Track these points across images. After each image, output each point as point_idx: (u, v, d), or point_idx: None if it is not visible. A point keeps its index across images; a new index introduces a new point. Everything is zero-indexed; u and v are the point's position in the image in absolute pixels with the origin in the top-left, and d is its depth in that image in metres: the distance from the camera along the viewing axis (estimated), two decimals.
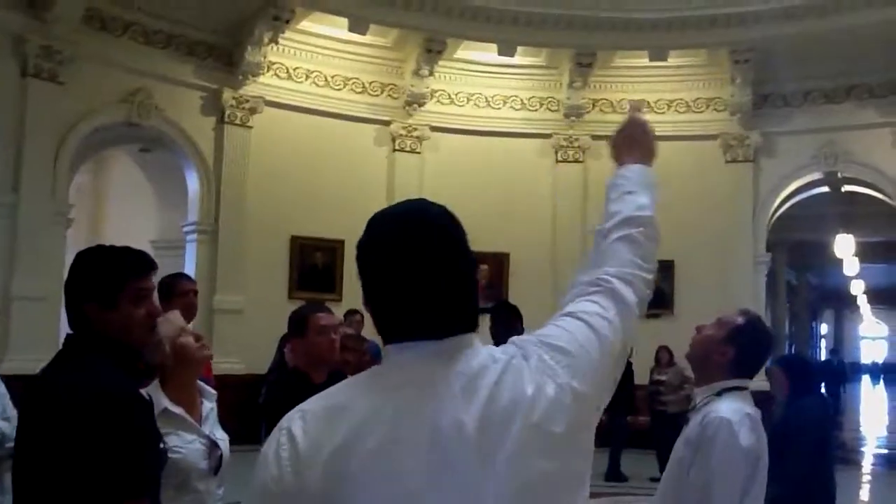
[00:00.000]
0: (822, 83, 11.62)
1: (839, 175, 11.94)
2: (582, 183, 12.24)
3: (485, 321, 4.80)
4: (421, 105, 12.07)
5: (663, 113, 12.21)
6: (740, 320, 2.86)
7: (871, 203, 12.84)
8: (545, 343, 1.38)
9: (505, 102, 12.50)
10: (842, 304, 34.04)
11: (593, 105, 12.38)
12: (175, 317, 3.18)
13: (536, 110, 12.50)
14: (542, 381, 1.32)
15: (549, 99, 12.46)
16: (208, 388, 3.19)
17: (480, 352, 1.35)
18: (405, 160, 12.09)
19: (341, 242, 11.51)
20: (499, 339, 5.04)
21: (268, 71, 11.28)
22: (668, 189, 11.58)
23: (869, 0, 10.42)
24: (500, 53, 11.95)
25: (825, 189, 12.77)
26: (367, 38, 11.69)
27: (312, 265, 11.50)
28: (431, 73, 11.90)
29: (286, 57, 11.54)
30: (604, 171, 9.26)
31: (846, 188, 12.59)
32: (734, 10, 11.09)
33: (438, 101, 12.33)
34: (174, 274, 5.09)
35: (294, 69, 11.64)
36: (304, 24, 11.33)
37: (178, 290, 4.59)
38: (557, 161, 12.41)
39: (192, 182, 11.08)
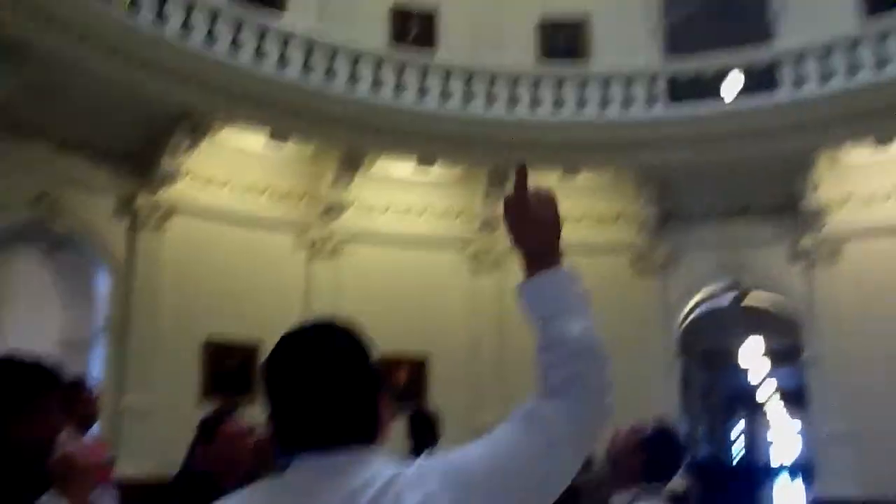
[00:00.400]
0: (721, 201, 12.30)
1: (741, 286, 12.54)
2: (497, 292, 12.50)
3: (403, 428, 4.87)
4: (339, 214, 12.25)
5: (574, 227, 12.68)
6: (651, 429, 3.00)
7: (770, 313, 13.43)
8: (448, 464, 1.40)
9: (422, 213, 12.79)
10: (752, 406, 34.89)
11: None
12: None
13: (453, 221, 12.82)
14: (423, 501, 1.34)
15: (466, 210, 12.81)
16: (108, 494, 3.14)
17: (371, 467, 1.39)
18: (322, 267, 12.18)
19: (256, 346, 11.41)
20: (414, 447, 5.05)
21: (185, 177, 11.34)
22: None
23: (756, 133, 11.23)
24: (418, 165, 12.30)
25: (729, 299, 13.34)
26: (285, 149, 11.92)
27: (226, 368, 11.32)
28: (350, 184, 12.14)
29: (204, 164, 11.62)
30: (518, 281, 9.42)
31: (748, 299, 13.17)
32: (637, 136, 11.76)
33: (357, 209, 12.54)
34: (73, 381, 5.01)
35: (211, 176, 11.72)
36: (223, 134, 11.50)
37: (76, 398, 4.55)
38: (473, 271, 12.67)
39: (103, 282, 10.96)
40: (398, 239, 12.57)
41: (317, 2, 13.11)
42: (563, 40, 13.61)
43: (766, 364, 15.73)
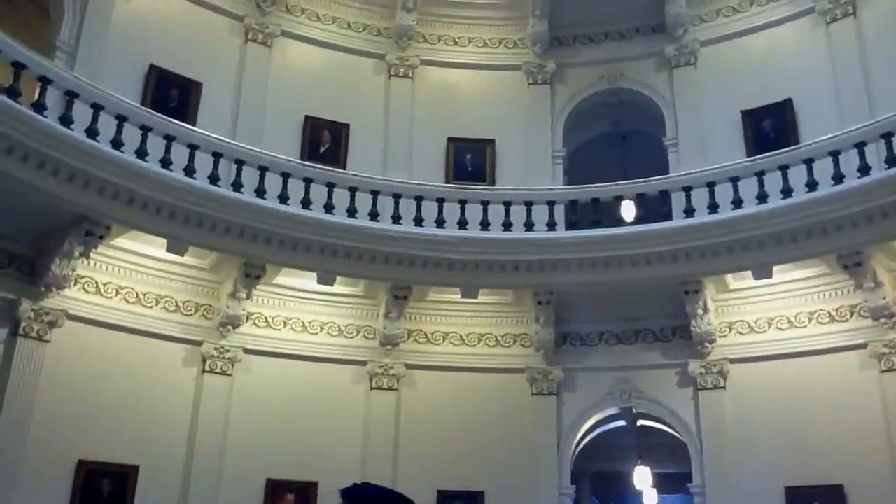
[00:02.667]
0: (614, 325, 12.63)
1: (633, 410, 12.74)
2: (395, 410, 12.32)
3: None
4: (235, 327, 11.94)
5: (474, 346, 12.80)
6: None
7: (663, 436, 13.64)
8: None
9: (322, 328, 12.60)
10: None
11: (408, 335, 12.72)
12: None
13: (353, 337, 12.66)
14: None
15: (366, 327, 12.69)
16: None
17: None
18: (214, 382, 11.73)
19: (135, 468, 10.80)
20: None
21: (75, 284, 10.88)
22: (479, 419, 11.99)
23: (648, 258, 11.72)
24: (319, 282, 12.19)
25: (623, 423, 13.50)
26: (184, 259, 11.64)
27: (99, 493, 10.54)
28: (249, 297, 11.90)
29: (96, 271, 11.22)
30: (418, 399, 9.38)
31: (640, 422, 13.37)
32: (536, 257, 12.07)
33: (254, 323, 12.26)
34: None
35: (104, 284, 11.30)
36: (119, 241, 11.17)
37: None
38: (372, 388, 12.46)
39: None
40: (296, 354, 12.30)
41: (229, 112, 13.25)
42: (470, 162, 14.10)
43: (654, 494, 15.79)
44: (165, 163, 11.08)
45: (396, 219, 12.34)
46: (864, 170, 10.87)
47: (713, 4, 14.22)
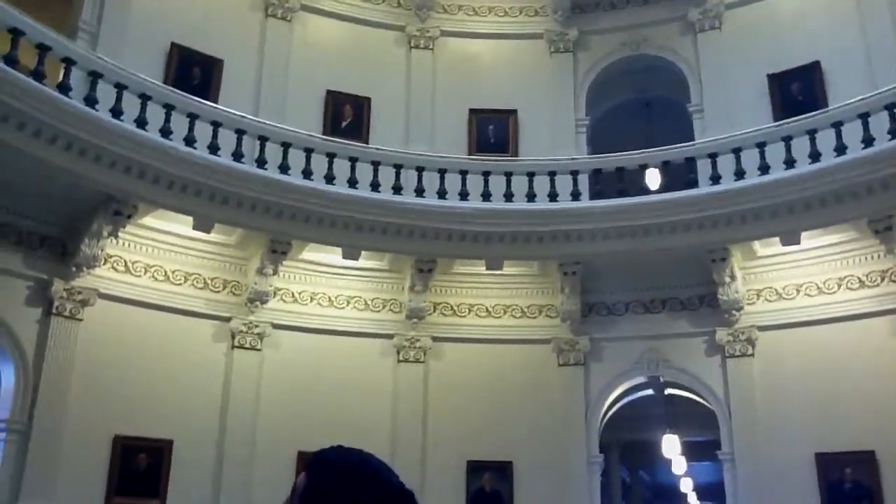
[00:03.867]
0: (641, 295, 12.57)
1: (661, 379, 12.70)
2: (423, 383, 12.41)
3: None
4: (263, 303, 12.04)
5: (500, 318, 12.82)
6: None
7: (691, 405, 13.62)
8: None
9: (348, 303, 12.68)
10: (675, 501, 34.90)
11: (434, 308, 12.76)
12: None
13: (379, 311, 12.73)
14: None
15: (392, 301, 12.75)
16: None
17: None
18: (244, 357, 11.87)
19: (169, 443, 10.98)
20: None
21: (104, 264, 11.02)
22: (506, 391, 12.05)
23: (674, 227, 11.63)
24: (344, 257, 12.25)
25: (650, 392, 13.49)
26: (211, 236, 11.74)
27: (135, 468, 10.76)
28: (275, 273, 11.98)
29: (125, 250, 11.35)
30: (445, 372, 9.44)
31: (668, 391, 13.35)
32: (561, 227, 12.03)
33: (282, 299, 12.35)
34: None
35: (133, 263, 11.45)
36: (147, 220, 11.28)
37: None
38: (399, 361, 12.54)
39: (7, 376, 10.34)
40: (323, 328, 12.40)
41: (251, 88, 13.26)
42: (493, 134, 14.03)
43: (683, 462, 15.80)
44: (189, 141, 11.14)
45: (420, 192, 12.34)
46: (895, 133, 10.68)
47: None
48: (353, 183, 12.09)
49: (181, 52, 12.91)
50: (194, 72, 12.91)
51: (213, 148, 11.34)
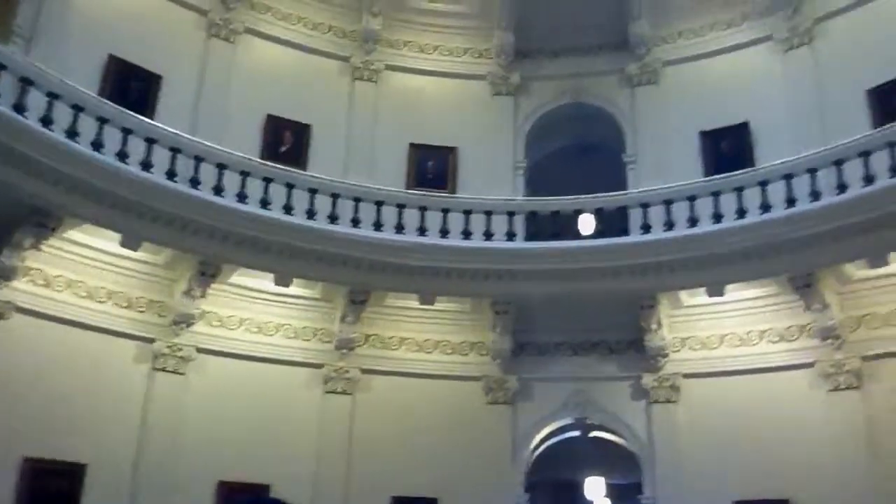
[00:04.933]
0: (571, 337, 12.71)
1: (587, 421, 12.83)
2: (349, 415, 12.23)
3: None
4: (189, 325, 11.71)
5: (431, 353, 12.79)
6: None
7: (616, 448, 13.76)
8: None
9: (277, 330, 12.45)
10: None
11: (365, 339, 12.64)
12: None
13: (309, 340, 12.53)
14: None
15: (322, 330, 12.57)
16: None
17: None
18: (166, 381, 11.50)
19: (83, 467, 10.51)
20: None
21: (23, 276, 10.55)
22: (434, 426, 11.97)
23: (604, 272, 11.85)
24: (276, 283, 12.04)
25: (577, 433, 13.59)
26: (138, 254, 11.38)
27: (45, 492, 10.20)
28: (203, 295, 11.68)
29: (46, 264, 10.88)
30: (373, 405, 9.29)
31: (594, 433, 13.46)
32: (495, 266, 12.11)
33: (209, 322, 12.04)
34: None
35: (55, 277, 10.98)
36: (72, 234, 10.87)
37: None
38: (326, 392, 12.34)
39: None
40: (251, 355, 12.14)
41: (190, 107, 13.01)
42: (432, 169, 14.11)
43: (608, 503, 15.94)
44: (122, 156, 10.84)
45: (356, 222, 12.26)
46: (816, 195, 11.18)
47: (676, 27, 14.49)
48: (288, 209, 11.94)
49: (119, 64, 12.59)
50: (132, 86, 12.60)
51: (147, 165, 11.06)
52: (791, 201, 11.30)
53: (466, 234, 12.49)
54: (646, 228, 12.21)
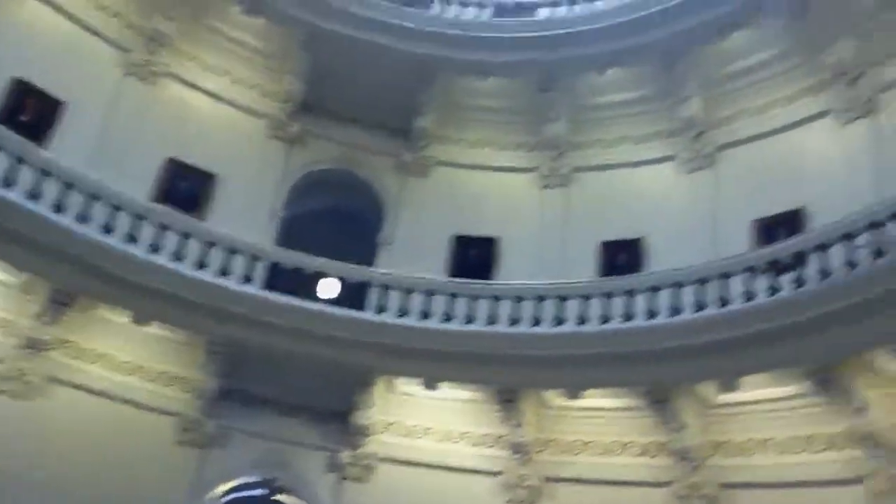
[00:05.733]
0: (280, 394, 12.26)
1: (277, 483, 12.41)
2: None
3: None
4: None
5: (130, 375, 11.90)
6: None
7: None
8: None
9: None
10: None
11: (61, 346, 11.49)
12: None
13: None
14: None
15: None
16: None
17: None
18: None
19: None
20: None
21: None
22: (118, 457, 10.87)
23: (329, 341, 11.83)
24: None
25: (262, 492, 13.03)
26: None
27: None
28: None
29: None
30: (64, 424, 8.21)
31: (281, 497, 12.99)
32: (220, 305, 11.73)
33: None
34: None
35: None
36: None
37: None
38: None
39: None
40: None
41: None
42: (185, 190, 13.56)
43: None
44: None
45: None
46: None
47: (456, 133, 15.33)
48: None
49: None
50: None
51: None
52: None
53: (201, 265, 11.93)
54: (380, 309, 12.34)
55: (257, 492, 12.83)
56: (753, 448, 10.90)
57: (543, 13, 15.25)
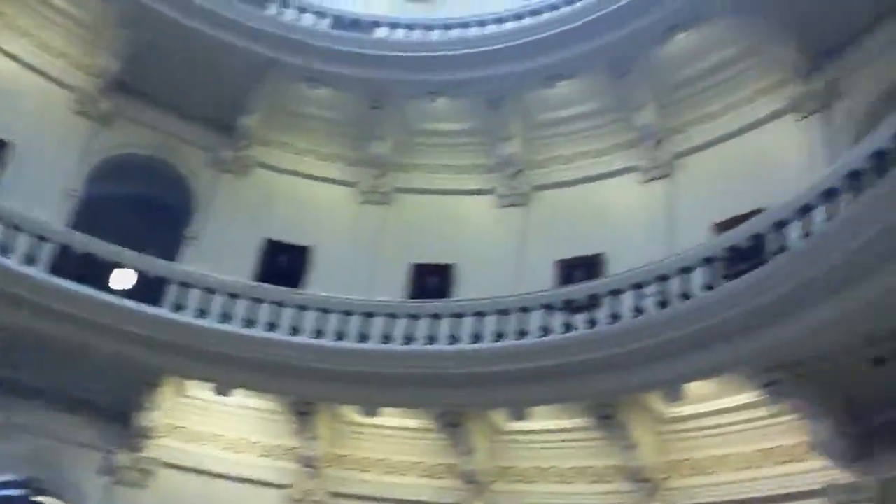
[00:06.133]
0: (57, 387, 11.28)
1: (39, 482, 11.40)
2: None
3: None
4: None
5: None
6: None
7: None
8: None
9: None
10: None
11: None
12: None
13: None
14: None
15: None
16: None
17: None
18: None
19: None
20: None
21: None
22: None
23: (120, 335, 11.07)
24: None
25: (16, 493, 11.89)
26: None
27: None
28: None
29: None
30: None
31: (40, 498, 11.91)
32: None
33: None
34: None
35: None
36: None
37: None
38: None
39: None
40: None
41: None
42: None
43: None
44: None
45: None
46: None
47: (281, 137, 15.04)
48: None
49: None
50: None
51: None
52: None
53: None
54: (179, 308, 11.74)
55: (14, 492, 11.72)
56: (534, 475, 11.39)
57: (381, 32, 15.34)
